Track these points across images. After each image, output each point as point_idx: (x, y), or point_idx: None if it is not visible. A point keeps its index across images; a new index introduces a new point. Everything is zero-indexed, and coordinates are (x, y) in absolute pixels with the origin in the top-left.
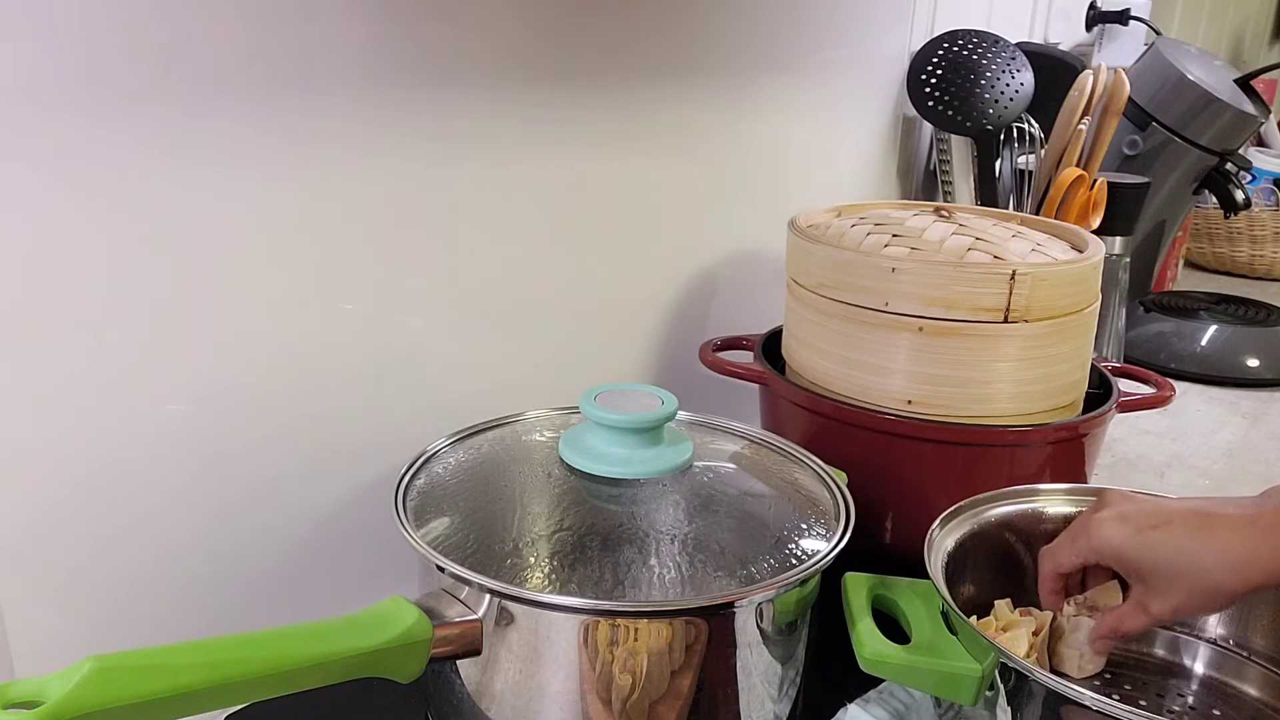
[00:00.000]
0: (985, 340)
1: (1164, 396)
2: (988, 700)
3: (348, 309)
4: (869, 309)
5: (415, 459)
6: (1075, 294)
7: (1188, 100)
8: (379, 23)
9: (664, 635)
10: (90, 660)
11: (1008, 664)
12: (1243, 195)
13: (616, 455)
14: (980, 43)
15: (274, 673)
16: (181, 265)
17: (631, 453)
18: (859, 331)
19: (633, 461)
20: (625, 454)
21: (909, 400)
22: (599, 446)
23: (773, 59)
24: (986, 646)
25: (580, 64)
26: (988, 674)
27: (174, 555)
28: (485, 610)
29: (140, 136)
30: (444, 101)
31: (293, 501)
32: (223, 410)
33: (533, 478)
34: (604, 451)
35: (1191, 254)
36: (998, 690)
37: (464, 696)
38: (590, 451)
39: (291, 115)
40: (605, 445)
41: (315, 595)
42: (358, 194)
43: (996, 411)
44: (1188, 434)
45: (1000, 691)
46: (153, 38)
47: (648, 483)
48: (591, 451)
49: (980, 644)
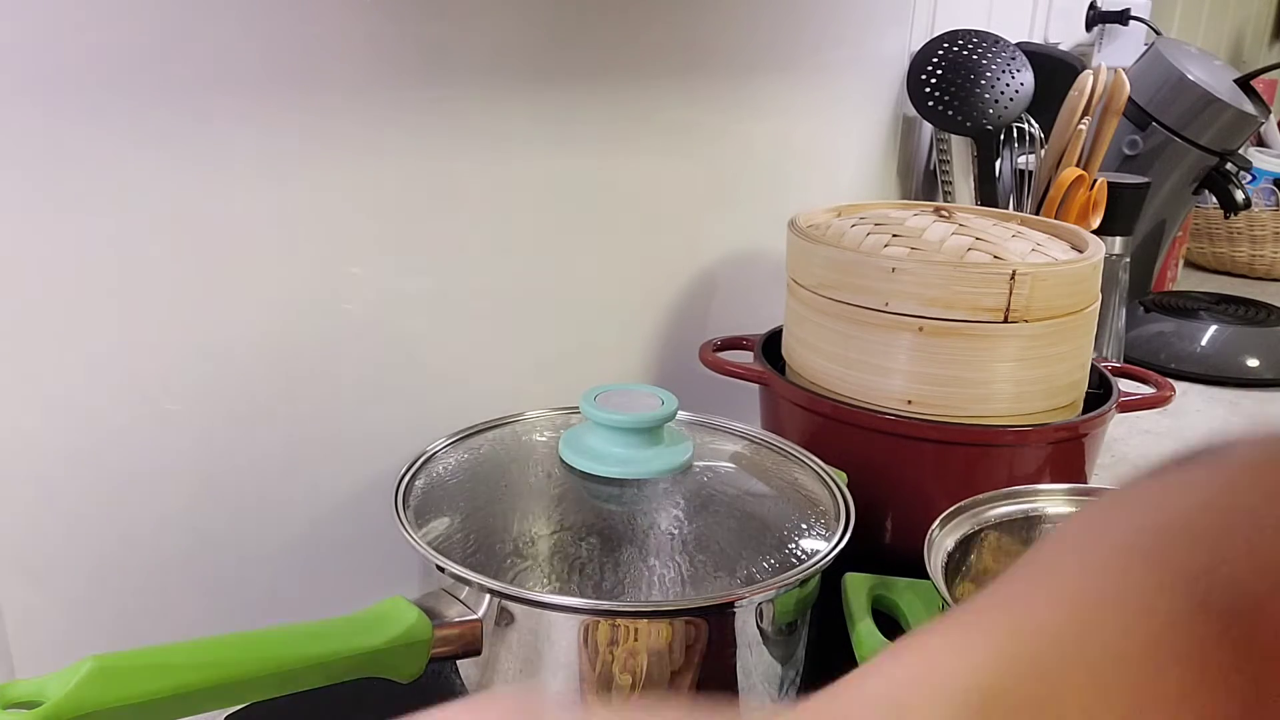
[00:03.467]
0: (985, 340)
1: (1164, 397)
2: None
3: (348, 309)
4: (869, 309)
5: (415, 459)
6: (1075, 294)
7: (1188, 100)
8: (381, 22)
9: (664, 635)
10: (90, 660)
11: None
12: (1243, 195)
13: (616, 455)
14: (980, 43)
15: (274, 673)
16: (180, 264)
17: (632, 453)
18: (859, 331)
19: (633, 461)
20: (625, 454)
21: (909, 400)
22: (599, 447)
23: (773, 59)
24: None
25: (580, 64)
26: None
27: (174, 555)
28: (485, 610)
29: (141, 135)
30: (444, 101)
31: (293, 501)
32: (223, 410)
33: (533, 478)
34: (604, 452)
35: (1191, 254)
36: None
37: (464, 696)
38: (590, 452)
39: (293, 114)
40: (605, 445)
41: (315, 595)
42: (358, 194)
43: (996, 411)
44: (1188, 434)
45: None
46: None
47: (648, 483)
48: (591, 452)
49: None
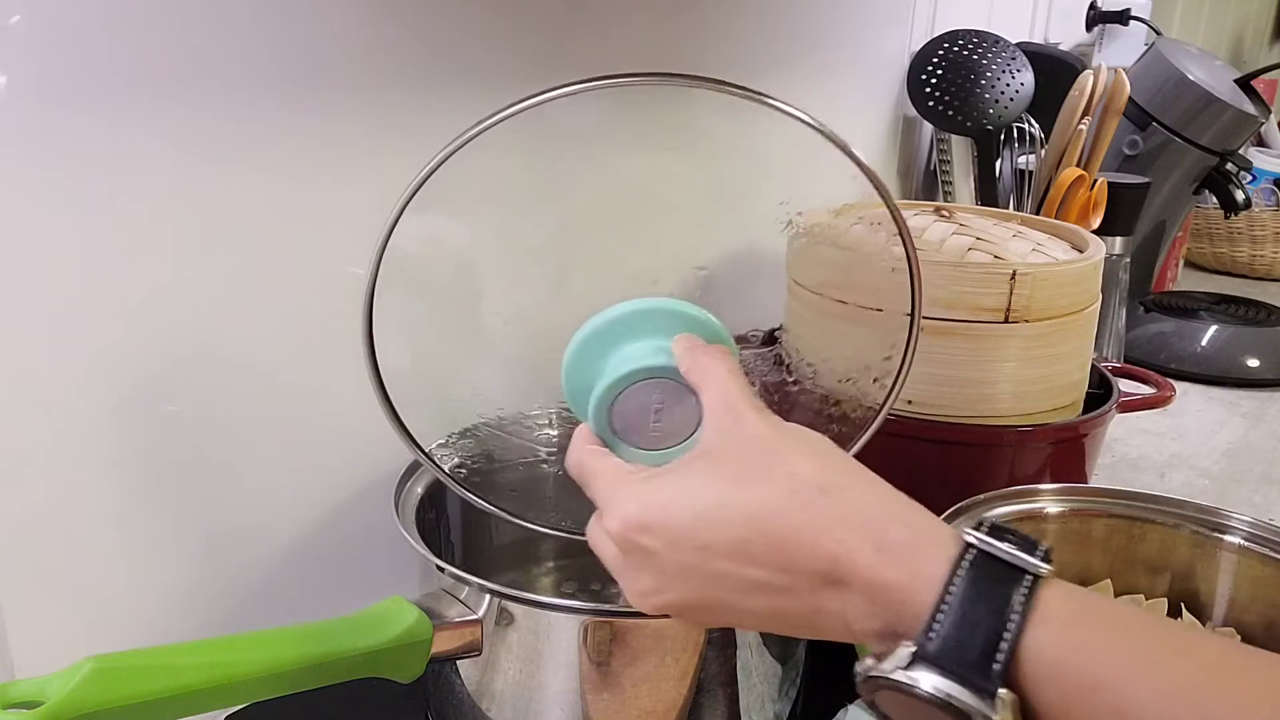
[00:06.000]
0: (985, 340)
1: (1164, 397)
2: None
3: (349, 308)
4: (869, 309)
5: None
6: (1075, 294)
7: (1188, 100)
8: (383, 23)
9: (664, 635)
10: (90, 660)
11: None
12: (1243, 195)
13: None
14: (980, 43)
15: (274, 673)
16: (182, 264)
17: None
18: (859, 332)
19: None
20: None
21: (909, 400)
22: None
23: (773, 59)
24: None
25: (580, 64)
26: None
27: (174, 555)
28: (485, 610)
29: (143, 134)
30: (444, 101)
31: (293, 501)
32: (222, 410)
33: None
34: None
35: (1191, 254)
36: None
37: (464, 696)
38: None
39: (293, 113)
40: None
41: (315, 595)
42: (360, 194)
43: (997, 411)
44: (1188, 434)
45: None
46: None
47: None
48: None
49: None
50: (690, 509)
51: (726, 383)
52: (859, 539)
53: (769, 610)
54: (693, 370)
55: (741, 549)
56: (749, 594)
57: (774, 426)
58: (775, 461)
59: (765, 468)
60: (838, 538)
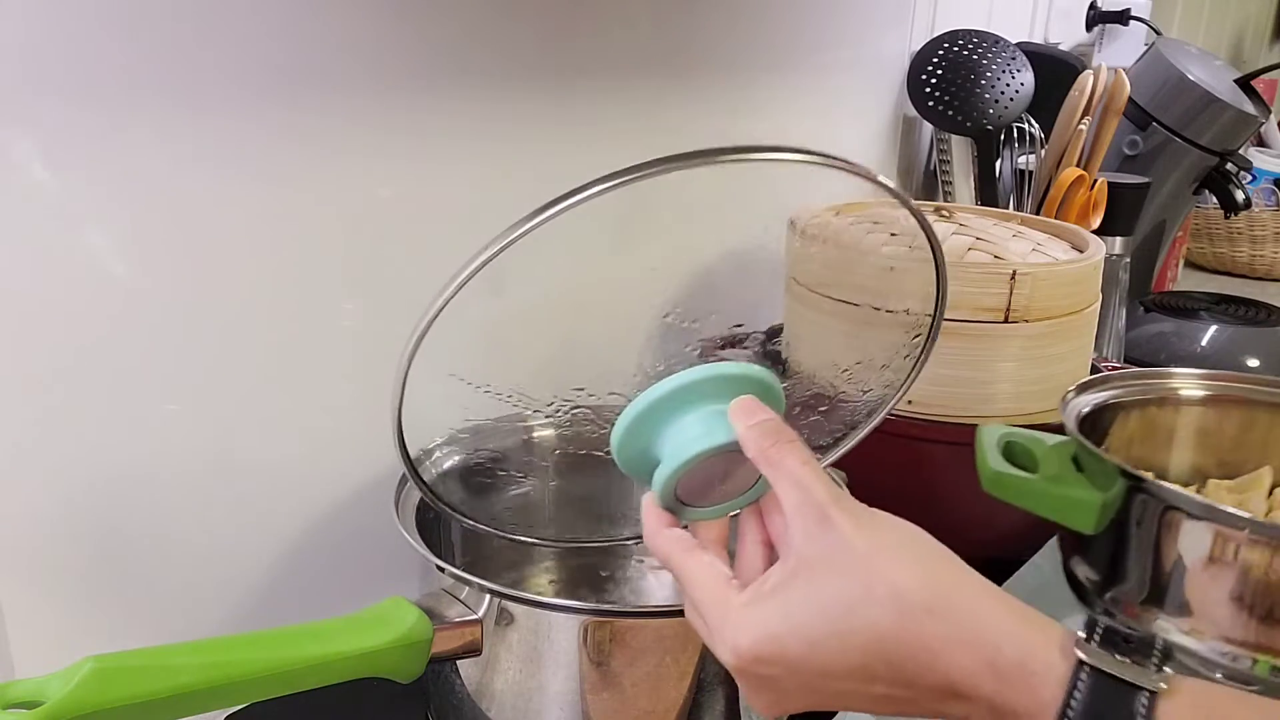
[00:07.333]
0: (985, 340)
1: None
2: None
3: (348, 308)
4: (868, 308)
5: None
6: (1075, 294)
7: (1188, 100)
8: (385, 24)
9: (664, 635)
10: (90, 660)
11: (1143, 486)
12: (1243, 195)
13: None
14: (980, 43)
15: (274, 673)
16: (183, 264)
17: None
18: (858, 331)
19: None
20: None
21: (909, 400)
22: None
23: (773, 59)
24: (1114, 474)
25: (580, 64)
26: (1110, 503)
27: (174, 556)
28: (485, 610)
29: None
30: (444, 102)
31: (293, 502)
32: (222, 410)
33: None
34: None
35: (1191, 254)
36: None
37: (464, 696)
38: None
39: (293, 114)
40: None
41: (315, 595)
42: (361, 194)
43: (997, 411)
44: None
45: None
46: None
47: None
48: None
49: (1109, 471)
50: (803, 640)
51: (802, 478)
52: (973, 662)
53: (895, 711)
54: (761, 461)
55: (861, 672)
56: (874, 703)
57: (863, 528)
58: (875, 580)
59: (866, 588)
60: (954, 662)
